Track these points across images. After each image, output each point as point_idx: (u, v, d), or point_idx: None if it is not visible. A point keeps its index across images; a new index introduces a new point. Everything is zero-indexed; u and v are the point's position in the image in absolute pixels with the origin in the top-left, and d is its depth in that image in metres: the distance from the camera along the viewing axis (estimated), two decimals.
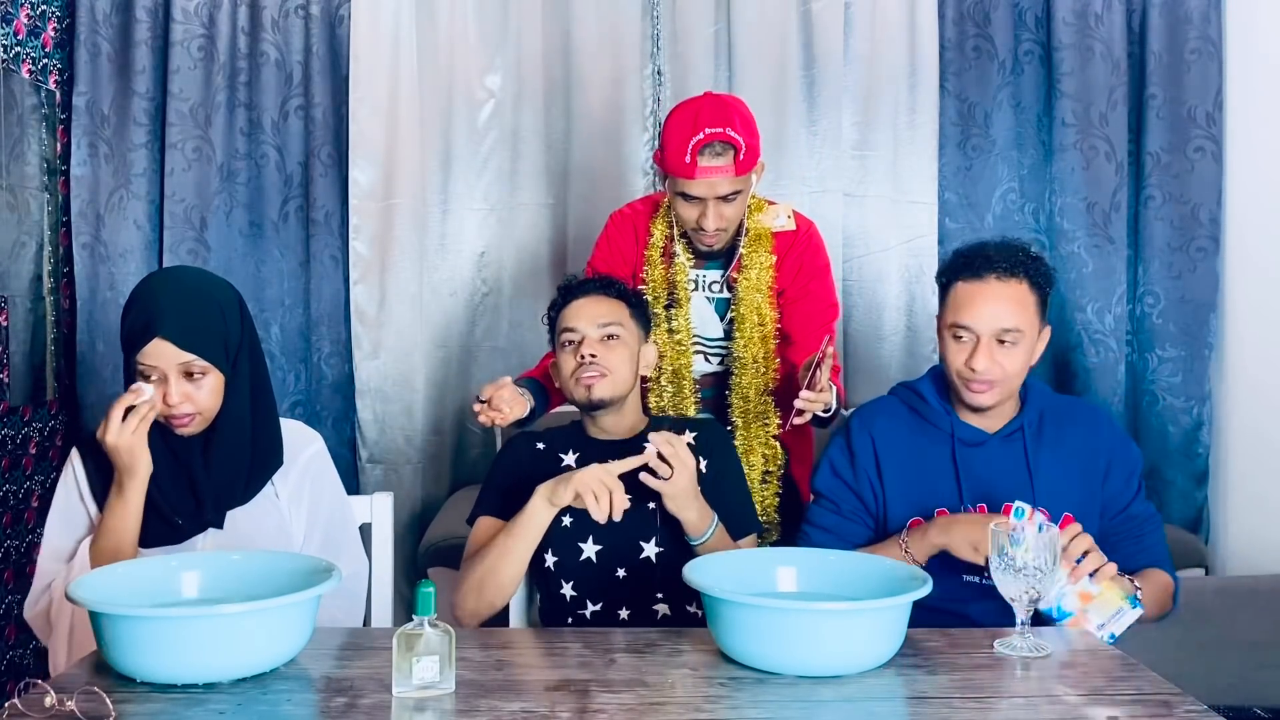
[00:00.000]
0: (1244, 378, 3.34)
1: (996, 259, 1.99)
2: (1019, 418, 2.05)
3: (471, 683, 1.50)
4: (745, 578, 1.72)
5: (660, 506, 2.04)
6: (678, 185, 2.35)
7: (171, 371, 1.85)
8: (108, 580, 1.60)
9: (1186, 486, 3.35)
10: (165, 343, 1.83)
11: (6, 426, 3.03)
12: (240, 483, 1.93)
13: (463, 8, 3.46)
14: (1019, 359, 1.99)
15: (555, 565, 2.05)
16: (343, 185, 3.38)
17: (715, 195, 2.33)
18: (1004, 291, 1.98)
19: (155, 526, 1.88)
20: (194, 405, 1.87)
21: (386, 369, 3.42)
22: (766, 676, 1.53)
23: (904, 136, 3.42)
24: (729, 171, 2.31)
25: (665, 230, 2.51)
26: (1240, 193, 3.33)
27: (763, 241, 2.47)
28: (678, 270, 2.48)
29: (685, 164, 2.30)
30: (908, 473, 2.06)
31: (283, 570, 1.65)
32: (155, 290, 1.89)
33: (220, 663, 1.48)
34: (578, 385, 2.10)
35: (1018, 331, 1.97)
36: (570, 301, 2.17)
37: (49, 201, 3.23)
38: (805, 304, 2.50)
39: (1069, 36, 3.34)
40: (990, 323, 1.96)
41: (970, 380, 1.98)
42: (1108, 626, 1.81)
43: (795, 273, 2.49)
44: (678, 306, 2.48)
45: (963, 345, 1.99)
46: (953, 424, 2.05)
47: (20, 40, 3.08)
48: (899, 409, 2.13)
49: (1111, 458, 2.06)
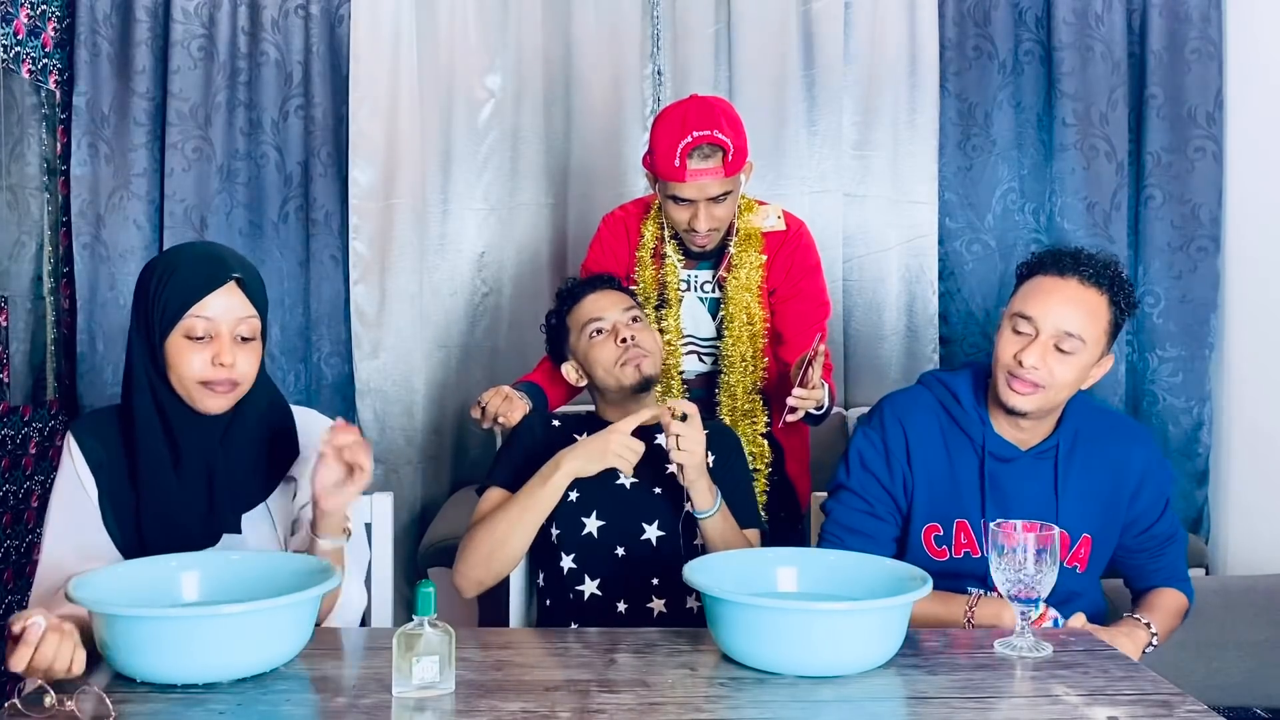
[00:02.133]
0: (1244, 378, 3.34)
1: (1086, 263, 1.90)
2: (1054, 435, 1.98)
3: (471, 683, 1.50)
4: (745, 578, 1.72)
5: (665, 491, 2.05)
6: (668, 189, 2.38)
7: (226, 330, 1.74)
8: (108, 581, 1.60)
9: (1186, 486, 3.35)
10: (237, 291, 1.75)
11: (6, 426, 3.03)
12: (260, 474, 1.84)
13: (463, 8, 3.46)
14: (1072, 371, 1.88)
15: (558, 538, 2.08)
16: (343, 185, 3.38)
17: (705, 197, 2.35)
18: (1080, 295, 1.88)
19: (166, 539, 1.76)
20: (237, 373, 1.75)
21: (386, 369, 3.41)
22: (766, 676, 1.53)
23: (904, 136, 3.42)
24: (718, 173, 2.33)
25: (656, 231, 2.53)
26: (1240, 193, 3.33)
27: (752, 241, 2.49)
28: (669, 271, 2.50)
29: (675, 168, 2.32)
30: (936, 477, 2.00)
31: (282, 571, 1.65)
32: (208, 247, 1.83)
33: (220, 663, 1.48)
34: (625, 368, 2.14)
35: (1079, 340, 1.87)
36: (582, 298, 2.22)
37: (49, 201, 3.23)
38: (797, 303, 2.51)
39: (1069, 36, 3.34)
40: (1055, 320, 1.87)
41: (1015, 376, 1.89)
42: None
43: (786, 272, 2.51)
44: (668, 307, 2.50)
45: (1019, 338, 1.89)
46: (985, 435, 1.98)
47: (20, 40, 3.08)
48: (932, 405, 2.04)
49: (1144, 479, 2.00)
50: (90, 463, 1.80)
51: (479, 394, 3.70)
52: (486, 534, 2.02)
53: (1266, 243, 3.29)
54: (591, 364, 2.18)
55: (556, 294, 2.31)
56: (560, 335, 2.26)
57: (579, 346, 2.20)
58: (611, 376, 2.15)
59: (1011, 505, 1.94)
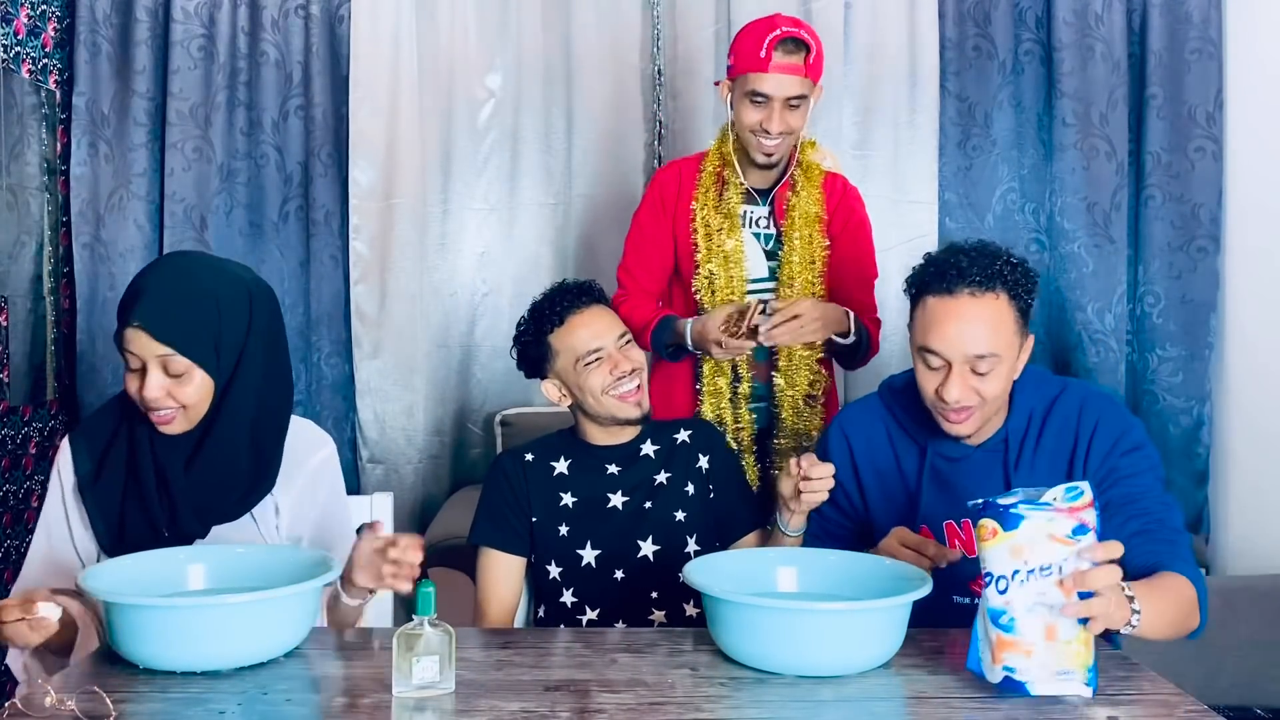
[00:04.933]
0: (1244, 378, 3.34)
1: (969, 270, 1.76)
2: (1003, 428, 1.87)
3: (471, 683, 1.50)
4: (745, 578, 1.72)
5: (655, 504, 2.05)
6: (748, 83, 2.38)
7: (151, 362, 1.71)
8: (117, 571, 1.64)
9: (1186, 486, 3.35)
10: (141, 331, 1.71)
11: (6, 426, 3.03)
12: (229, 500, 1.80)
13: (463, 8, 3.46)
14: (997, 384, 1.78)
15: (560, 575, 2.06)
16: (343, 185, 3.38)
17: (784, 95, 2.37)
18: (978, 311, 1.75)
19: (135, 536, 1.77)
20: (176, 401, 1.73)
21: (386, 369, 3.42)
22: (766, 676, 1.53)
23: (904, 136, 3.42)
24: (800, 70, 2.37)
25: (717, 160, 2.52)
26: (1240, 193, 3.33)
27: (814, 172, 2.52)
28: (731, 193, 2.49)
29: (760, 58, 2.34)
30: (887, 483, 1.96)
31: (286, 563, 1.68)
32: (146, 274, 1.77)
33: (222, 651, 1.51)
34: (623, 403, 2.05)
35: (994, 357, 1.76)
36: (568, 317, 2.07)
37: (49, 201, 3.23)
38: (852, 259, 2.53)
39: (1069, 36, 3.34)
40: (962, 348, 1.76)
41: (945, 410, 1.80)
42: (1038, 683, 1.43)
43: (844, 221, 2.54)
44: (730, 231, 2.47)
45: (934, 373, 1.80)
46: (928, 440, 1.90)
47: (20, 40, 3.08)
48: (880, 413, 1.99)
49: (1091, 438, 1.83)
50: (78, 472, 1.82)
51: (479, 394, 3.72)
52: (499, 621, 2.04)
53: (1266, 243, 3.29)
54: (584, 391, 2.06)
55: (534, 310, 2.12)
56: (540, 354, 2.10)
57: (567, 371, 2.07)
58: (603, 406, 2.05)
59: (964, 501, 1.77)
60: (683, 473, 2.10)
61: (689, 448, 2.12)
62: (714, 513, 2.10)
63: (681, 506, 2.07)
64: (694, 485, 2.09)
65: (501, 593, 2.05)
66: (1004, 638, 1.44)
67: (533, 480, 2.07)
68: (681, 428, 2.15)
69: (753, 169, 2.49)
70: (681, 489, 2.08)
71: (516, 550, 2.06)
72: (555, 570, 2.06)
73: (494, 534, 2.06)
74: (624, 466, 2.09)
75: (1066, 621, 1.42)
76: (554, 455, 2.11)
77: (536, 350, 2.10)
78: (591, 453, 2.10)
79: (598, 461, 2.09)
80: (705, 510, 2.09)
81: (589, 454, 2.10)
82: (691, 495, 2.08)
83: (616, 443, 2.11)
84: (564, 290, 2.11)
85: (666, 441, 2.12)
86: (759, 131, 2.40)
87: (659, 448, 2.11)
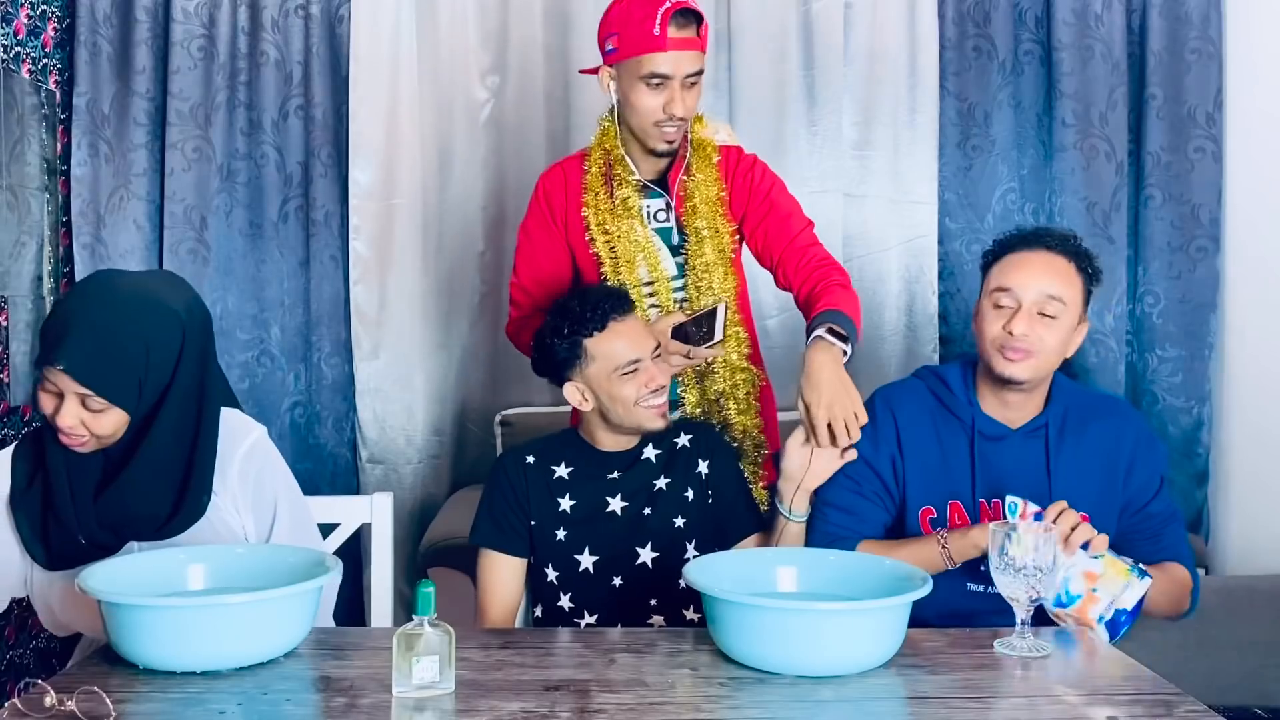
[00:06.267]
0: (1244, 378, 3.34)
1: (1049, 236, 2.00)
2: (1044, 414, 2.01)
3: (471, 683, 1.50)
4: (745, 578, 1.72)
5: (655, 510, 2.04)
6: (641, 66, 2.18)
7: (70, 396, 1.70)
8: (117, 571, 1.65)
9: (1186, 486, 3.35)
10: (64, 374, 1.68)
11: (6, 426, 3.03)
12: (154, 514, 1.79)
13: (463, 8, 3.46)
14: (1058, 334, 1.94)
15: (557, 579, 2.06)
16: (343, 185, 3.38)
17: (683, 74, 2.19)
18: (1053, 263, 1.96)
19: (60, 551, 1.78)
20: (89, 431, 1.73)
21: (386, 369, 3.41)
22: (766, 676, 1.53)
23: (904, 136, 3.42)
24: (698, 44, 2.20)
25: (602, 155, 2.32)
26: (1240, 193, 3.33)
27: (707, 150, 2.33)
28: (624, 194, 2.29)
29: (655, 36, 2.15)
30: (927, 459, 2.03)
31: (286, 563, 1.69)
32: (72, 311, 1.72)
33: (223, 651, 1.52)
34: (651, 412, 2.04)
35: (1061, 303, 1.93)
36: (610, 323, 2.03)
37: (49, 201, 3.23)
38: (776, 216, 2.32)
39: (1069, 36, 3.34)
40: (1036, 288, 1.94)
41: (1007, 346, 1.93)
42: (1120, 601, 1.80)
43: (748, 192, 2.34)
44: (632, 233, 2.29)
45: (1003, 312, 1.95)
46: (974, 416, 2.01)
47: (20, 40, 3.08)
48: (923, 393, 2.08)
49: (1135, 456, 2.01)
50: (13, 486, 1.82)
51: (479, 394, 3.71)
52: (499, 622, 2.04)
53: (1266, 243, 3.29)
54: (614, 400, 2.02)
55: (565, 311, 2.05)
56: (570, 356, 2.04)
57: (599, 377, 2.02)
58: (634, 417, 2.03)
59: (1004, 484, 1.96)
60: (682, 478, 2.09)
61: (689, 452, 2.11)
62: (713, 517, 2.09)
63: (681, 512, 2.07)
64: (693, 491, 2.08)
65: (502, 594, 2.05)
66: (1077, 606, 1.81)
67: (533, 483, 2.07)
68: (682, 431, 2.13)
69: (644, 158, 2.31)
70: (681, 494, 2.08)
71: (517, 552, 2.06)
72: (553, 574, 2.06)
73: (495, 535, 2.06)
74: (624, 471, 2.08)
75: (1090, 562, 1.82)
76: (555, 459, 2.10)
77: (569, 352, 2.03)
78: (594, 457, 2.10)
79: (599, 466, 2.09)
80: (704, 516, 2.08)
81: (591, 458, 2.10)
82: (691, 501, 2.08)
83: (622, 449, 2.10)
84: (605, 294, 2.06)
85: (667, 445, 2.11)
86: (662, 120, 2.21)
87: (660, 452, 2.10)
